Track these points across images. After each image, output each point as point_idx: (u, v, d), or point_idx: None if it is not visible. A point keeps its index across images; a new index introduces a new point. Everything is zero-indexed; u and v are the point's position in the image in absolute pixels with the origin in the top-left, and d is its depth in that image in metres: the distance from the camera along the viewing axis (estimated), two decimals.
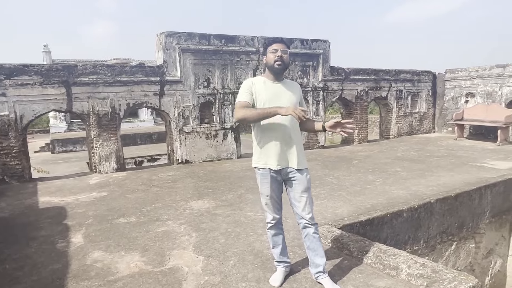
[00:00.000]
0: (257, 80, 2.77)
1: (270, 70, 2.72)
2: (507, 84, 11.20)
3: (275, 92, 2.70)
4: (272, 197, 2.77)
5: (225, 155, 8.66)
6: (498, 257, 6.19)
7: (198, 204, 5.16)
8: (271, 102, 2.65)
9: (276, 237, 2.91)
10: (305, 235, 2.79)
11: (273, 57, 2.65)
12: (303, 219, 2.74)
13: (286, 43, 2.72)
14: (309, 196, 2.76)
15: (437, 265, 2.89)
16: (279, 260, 2.95)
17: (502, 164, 7.51)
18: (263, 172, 2.74)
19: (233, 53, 8.47)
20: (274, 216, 2.84)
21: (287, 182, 2.77)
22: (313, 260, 2.79)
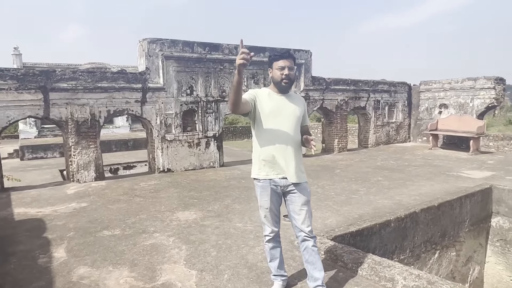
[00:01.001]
0: (262, 91, 2.75)
1: (276, 86, 2.71)
2: (478, 96, 11.72)
3: (279, 104, 2.68)
4: (271, 209, 2.75)
5: (208, 164, 8.55)
6: (476, 264, 6.40)
7: (184, 215, 5.05)
8: (275, 113, 2.64)
9: (274, 250, 2.87)
10: (304, 248, 2.76)
11: (280, 74, 2.63)
12: (303, 232, 2.72)
13: (293, 57, 2.71)
14: (309, 209, 2.75)
15: (432, 276, 2.93)
16: (276, 274, 2.92)
17: (477, 174, 7.81)
18: (263, 184, 2.71)
19: (216, 61, 8.42)
20: (272, 229, 2.81)
21: (287, 194, 2.75)
22: (312, 274, 2.76)
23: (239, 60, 2.29)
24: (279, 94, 2.72)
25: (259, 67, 9.10)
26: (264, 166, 2.69)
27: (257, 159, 2.74)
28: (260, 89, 2.82)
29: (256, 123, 2.71)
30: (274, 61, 2.67)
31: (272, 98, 2.69)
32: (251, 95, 2.66)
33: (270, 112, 2.65)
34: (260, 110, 2.66)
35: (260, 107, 2.66)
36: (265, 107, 2.65)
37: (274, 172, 2.67)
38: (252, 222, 4.66)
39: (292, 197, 2.72)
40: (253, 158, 2.82)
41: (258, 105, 2.66)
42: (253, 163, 2.79)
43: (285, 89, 2.71)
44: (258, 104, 2.66)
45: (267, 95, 2.70)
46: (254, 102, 2.66)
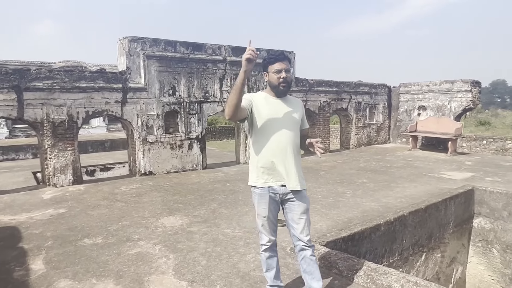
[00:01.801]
0: (258, 95, 2.63)
1: (274, 90, 2.59)
2: (455, 98, 12.02)
3: (277, 108, 2.58)
4: (269, 218, 2.64)
5: (191, 166, 8.35)
6: (459, 265, 6.51)
7: (170, 220, 4.86)
8: (273, 118, 2.54)
9: (271, 260, 2.77)
10: (302, 258, 2.66)
11: (277, 78, 2.52)
12: (301, 241, 2.63)
13: (289, 58, 2.61)
14: (308, 217, 2.66)
15: (429, 284, 2.90)
16: (273, 285, 2.80)
17: (457, 175, 7.97)
18: (262, 192, 2.60)
19: (199, 61, 8.24)
20: (270, 238, 2.70)
21: (285, 202, 2.64)
22: (310, 284, 2.66)
23: (246, 55, 2.22)
24: (276, 98, 2.61)
25: None
26: (262, 173, 2.58)
27: (255, 166, 2.62)
28: (256, 93, 2.69)
29: (253, 128, 2.60)
30: (269, 64, 2.55)
31: (269, 102, 2.58)
32: (247, 100, 2.53)
33: (268, 117, 2.54)
34: (257, 115, 2.55)
35: (257, 112, 2.55)
36: (262, 112, 2.54)
37: (273, 180, 2.57)
38: (241, 228, 4.53)
39: (291, 205, 2.62)
40: (250, 165, 2.71)
41: (254, 110, 2.55)
42: (251, 170, 2.67)
43: (283, 93, 2.61)
44: (255, 109, 2.55)
45: (263, 99, 2.59)
46: (251, 107, 2.54)
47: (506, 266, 6.40)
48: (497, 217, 6.41)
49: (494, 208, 6.43)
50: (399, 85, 13.56)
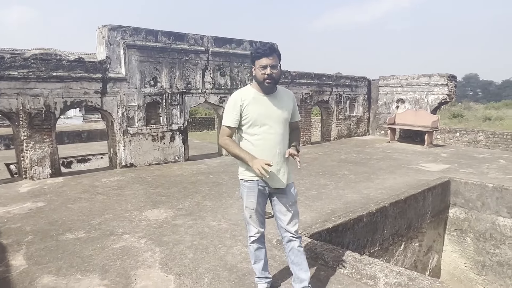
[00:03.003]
0: (246, 94, 2.56)
1: (260, 86, 2.55)
2: (432, 92, 12.34)
3: (266, 107, 2.54)
4: (257, 210, 2.65)
5: (173, 158, 8.26)
6: (435, 253, 6.77)
7: (154, 213, 4.81)
8: (263, 118, 2.52)
9: (259, 252, 2.78)
10: (290, 249, 2.69)
11: (262, 74, 2.46)
12: (289, 232, 2.65)
13: (277, 52, 2.51)
14: (296, 209, 2.69)
15: (412, 273, 3.00)
16: (261, 276, 2.83)
17: (434, 167, 8.23)
18: (251, 185, 2.60)
19: (181, 52, 8.10)
20: (258, 230, 2.71)
21: (274, 195, 2.65)
22: (298, 275, 2.70)
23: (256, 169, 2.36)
24: (265, 95, 2.56)
25: (225, 59, 8.89)
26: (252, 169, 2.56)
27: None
28: (245, 90, 2.62)
29: (243, 127, 2.57)
30: (256, 59, 2.49)
31: (258, 101, 2.53)
32: (236, 113, 2.53)
33: (258, 117, 2.51)
34: (247, 116, 2.51)
35: (246, 112, 2.51)
36: (252, 112, 2.51)
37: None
38: (226, 220, 4.54)
39: (279, 197, 2.63)
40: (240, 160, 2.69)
41: (244, 111, 2.51)
42: (239, 163, 2.65)
43: (269, 90, 2.56)
44: (244, 110, 2.51)
45: (252, 98, 2.53)
46: (240, 117, 2.53)
47: (479, 253, 6.70)
48: (471, 207, 6.68)
49: (468, 199, 6.70)
50: (378, 78, 13.80)
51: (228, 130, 2.57)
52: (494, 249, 6.52)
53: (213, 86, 8.76)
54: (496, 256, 6.51)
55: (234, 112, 2.53)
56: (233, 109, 2.53)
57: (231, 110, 2.54)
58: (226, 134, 2.57)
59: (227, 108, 2.58)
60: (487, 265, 6.62)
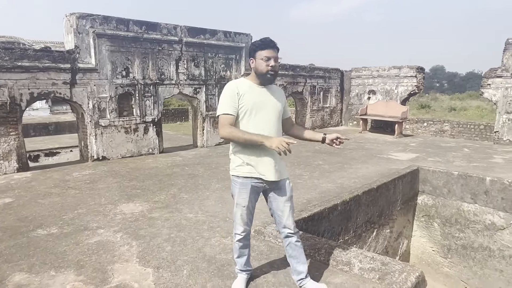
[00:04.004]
0: (241, 83, 2.54)
1: (260, 77, 2.53)
2: (401, 83, 12.72)
3: (261, 97, 2.54)
4: (248, 207, 2.62)
5: (147, 150, 8.13)
6: (405, 239, 7.06)
7: (129, 207, 4.74)
8: (257, 108, 2.51)
9: (243, 248, 2.77)
10: (287, 244, 2.73)
11: (265, 66, 2.45)
12: (287, 228, 2.67)
13: (278, 47, 2.51)
14: (292, 204, 2.70)
15: (384, 258, 3.13)
16: (242, 269, 2.83)
17: (403, 156, 8.54)
18: (244, 181, 2.57)
19: (154, 42, 7.92)
20: (245, 228, 2.69)
21: (269, 192, 2.65)
22: (296, 267, 2.75)
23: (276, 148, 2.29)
24: (261, 87, 2.56)
25: (199, 50, 8.78)
26: (246, 164, 2.54)
27: (238, 156, 2.57)
28: (240, 81, 2.59)
29: (238, 118, 2.53)
30: (258, 51, 2.47)
31: (254, 91, 2.53)
32: (233, 102, 2.47)
33: (253, 106, 2.49)
34: (243, 105, 2.48)
35: (242, 101, 2.48)
36: (247, 102, 2.49)
37: (256, 171, 2.54)
38: (203, 212, 4.54)
39: (275, 194, 2.63)
40: (232, 154, 2.64)
41: (240, 99, 2.48)
42: (233, 159, 2.62)
43: (269, 81, 2.56)
44: (241, 99, 2.48)
45: (248, 88, 2.52)
46: (237, 108, 2.49)
47: (445, 238, 7.05)
48: (438, 194, 7.00)
49: (436, 186, 7.00)
50: (351, 69, 14.05)
51: (229, 119, 2.48)
52: (459, 233, 6.88)
53: (187, 77, 8.64)
54: (460, 240, 6.88)
55: (232, 100, 2.48)
56: (231, 98, 2.49)
57: (229, 98, 2.49)
58: (227, 123, 2.48)
59: (223, 98, 2.52)
60: (453, 249, 6.99)
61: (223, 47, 9.28)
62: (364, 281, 2.95)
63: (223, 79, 9.42)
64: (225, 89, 2.53)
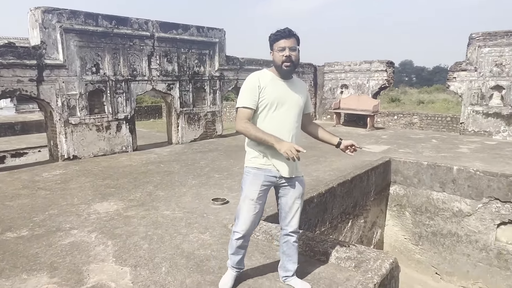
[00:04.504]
0: (264, 75, 2.47)
1: (278, 70, 2.45)
2: (372, 78, 13.03)
3: (283, 92, 2.46)
4: (256, 202, 2.49)
5: (120, 148, 7.95)
6: (378, 228, 7.28)
7: (103, 206, 4.63)
8: (279, 102, 2.43)
9: (241, 248, 2.63)
10: (285, 241, 2.68)
11: (280, 57, 2.37)
12: (290, 226, 2.62)
13: (296, 36, 2.41)
14: (302, 203, 2.64)
15: (360, 247, 3.22)
16: (234, 266, 2.71)
17: (376, 148, 8.77)
18: (257, 172, 2.47)
19: (125, 37, 7.73)
20: (248, 227, 2.52)
21: (280, 187, 2.57)
22: (285, 264, 2.74)
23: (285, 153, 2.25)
24: (283, 80, 2.48)
25: (172, 45, 8.65)
26: (263, 157, 2.47)
27: (255, 148, 2.49)
28: (263, 72, 2.51)
29: (258, 111, 2.46)
30: (274, 42, 2.40)
31: (276, 85, 2.45)
32: (254, 95, 2.40)
33: (274, 100, 2.42)
34: (264, 98, 2.42)
35: (263, 94, 2.41)
36: (269, 95, 2.41)
37: (272, 164, 2.47)
38: (180, 209, 4.51)
39: (286, 190, 2.56)
40: (247, 146, 2.57)
41: (261, 93, 2.41)
42: (249, 151, 2.55)
43: (287, 74, 2.48)
44: (262, 92, 2.41)
45: (270, 81, 2.45)
46: (257, 101, 2.42)
47: (416, 226, 7.32)
48: (409, 184, 7.25)
49: (406, 176, 7.26)
50: (323, 64, 14.25)
51: (247, 113, 2.40)
52: (429, 221, 7.16)
53: (160, 73, 8.50)
54: (430, 227, 7.17)
55: (252, 93, 2.40)
56: (251, 91, 2.41)
57: (249, 91, 2.41)
58: (244, 117, 2.39)
59: (244, 90, 2.44)
60: (423, 236, 7.27)
61: (196, 42, 9.18)
62: (341, 270, 3.03)
63: (197, 74, 9.33)
64: (247, 81, 2.46)
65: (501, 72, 10.32)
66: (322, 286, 2.82)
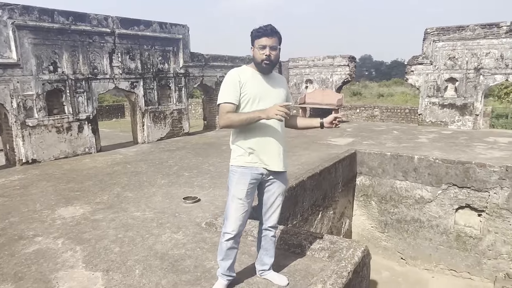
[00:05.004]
0: (244, 71, 2.45)
1: (257, 67, 2.45)
2: (336, 72, 13.35)
3: (264, 87, 2.45)
4: (244, 201, 2.46)
5: (83, 150, 7.64)
6: (347, 218, 7.51)
7: (68, 211, 4.44)
8: (260, 98, 2.42)
9: (230, 251, 2.54)
10: (264, 235, 2.69)
11: (261, 55, 2.36)
12: (270, 222, 2.63)
13: (278, 34, 2.40)
14: (283, 199, 2.65)
15: (332, 237, 3.31)
16: (225, 274, 2.61)
17: (341, 141, 9.02)
18: (244, 171, 2.44)
19: (84, 34, 7.41)
20: (237, 227, 2.47)
21: (265, 183, 2.55)
22: (262, 258, 2.75)
23: (274, 115, 2.21)
24: (262, 76, 2.47)
25: (134, 42, 8.40)
26: (248, 154, 2.45)
27: (240, 145, 2.48)
28: (242, 68, 2.49)
29: (240, 107, 2.44)
30: (256, 39, 2.38)
31: (256, 80, 2.44)
32: (235, 90, 2.38)
33: (256, 95, 2.41)
34: (245, 94, 2.40)
35: (245, 89, 2.40)
36: (250, 90, 2.40)
37: (258, 161, 2.45)
38: (151, 210, 4.42)
39: (270, 185, 2.55)
40: (233, 144, 2.54)
41: (242, 88, 2.39)
42: (234, 149, 2.52)
43: (266, 71, 2.47)
44: (243, 87, 2.39)
45: (251, 76, 2.44)
46: (239, 96, 2.40)
47: (382, 214, 7.62)
48: (374, 174, 7.53)
49: (371, 167, 7.52)
50: (288, 59, 14.40)
51: (229, 107, 2.37)
52: (393, 209, 7.48)
53: (123, 71, 8.23)
54: (395, 215, 7.49)
55: (234, 89, 2.38)
56: (233, 86, 2.39)
57: (230, 87, 2.39)
58: (226, 111, 2.36)
59: (225, 86, 2.42)
60: (389, 223, 7.59)
61: (160, 39, 8.97)
62: (315, 261, 3.10)
63: (161, 72, 9.13)
64: (227, 77, 2.43)
65: (454, 65, 10.92)
66: (298, 277, 2.88)
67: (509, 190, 6.27)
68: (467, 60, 10.68)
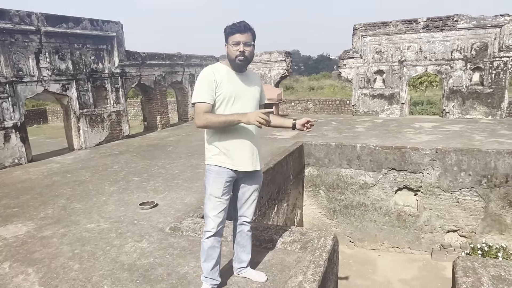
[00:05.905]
0: (218, 69, 2.38)
1: (231, 63, 2.40)
2: (273, 68, 13.63)
3: (239, 86, 2.41)
4: (222, 199, 2.45)
5: (11, 161, 6.87)
6: (298, 209, 7.75)
7: (9, 230, 3.98)
8: (236, 96, 2.38)
9: (212, 250, 2.51)
10: (239, 231, 2.69)
11: (234, 51, 2.32)
12: (245, 216, 2.65)
13: (252, 30, 2.37)
14: (258, 195, 2.68)
15: (301, 229, 3.41)
16: (208, 276, 2.56)
17: (285, 134, 9.25)
18: (220, 170, 2.42)
19: (4, 32, 6.63)
20: (217, 224, 2.46)
21: (240, 180, 2.55)
22: (239, 255, 2.74)
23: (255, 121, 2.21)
24: (237, 74, 2.43)
25: (63, 41, 7.73)
26: (223, 154, 2.40)
27: (215, 145, 2.43)
28: (216, 65, 2.42)
29: (215, 106, 2.38)
30: (229, 35, 2.34)
31: (231, 78, 2.40)
32: (210, 89, 2.32)
33: (232, 95, 2.36)
34: (220, 93, 2.35)
35: (220, 89, 2.35)
36: (225, 90, 2.35)
37: (232, 161, 2.42)
38: (106, 220, 4.14)
39: (246, 183, 2.56)
40: (207, 143, 2.49)
41: (218, 87, 2.33)
42: (209, 148, 2.47)
43: (241, 68, 2.43)
44: (218, 87, 2.33)
45: (226, 75, 2.39)
46: (214, 94, 2.34)
47: (330, 202, 8.00)
48: (321, 165, 7.86)
49: (318, 158, 7.85)
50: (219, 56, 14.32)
51: (205, 107, 2.31)
52: (340, 196, 7.89)
53: (52, 72, 7.53)
54: (342, 201, 7.91)
55: (209, 88, 2.32)
56: (208, 85, 2.33)
57: (205, 85, 2.33)
58: (203, 112, 2.30)
59: (200, 84, 2.35)
60: (337, 210, 7.99)
61: (91, 37, 8.36)
62: (289, 254, 3.16)
63: (95, 72, 8.54)
64: (201, 75, 2.36)
65: (381, 58, 11.78)
66: (275, 272, 2.91)
67: (440, 170, 6.97)
68: (392, 54, 11.58)
